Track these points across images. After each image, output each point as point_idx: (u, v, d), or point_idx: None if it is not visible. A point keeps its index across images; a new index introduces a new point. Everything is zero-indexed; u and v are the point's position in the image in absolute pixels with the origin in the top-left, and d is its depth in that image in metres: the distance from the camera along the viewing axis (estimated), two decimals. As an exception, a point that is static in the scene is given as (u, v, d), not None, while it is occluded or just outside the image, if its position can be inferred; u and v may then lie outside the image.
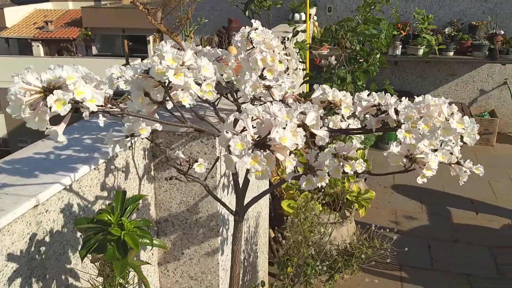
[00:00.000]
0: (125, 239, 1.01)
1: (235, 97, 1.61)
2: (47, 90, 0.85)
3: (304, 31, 4.47)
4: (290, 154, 0.95)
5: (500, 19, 5.15)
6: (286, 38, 2.95)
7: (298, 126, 0.97)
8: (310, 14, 4.94)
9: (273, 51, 1.46)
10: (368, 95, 1.22)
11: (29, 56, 20.42)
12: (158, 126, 1.35)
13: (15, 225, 1.17)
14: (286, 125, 0.92)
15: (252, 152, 0.90)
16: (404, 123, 1.06)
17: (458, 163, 1.32)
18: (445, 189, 4.34)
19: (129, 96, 1.08)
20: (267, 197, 2.78)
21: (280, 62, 1.48)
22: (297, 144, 0.94)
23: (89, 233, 1.06)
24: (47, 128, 0.89)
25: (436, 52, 4.01)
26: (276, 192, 3.06)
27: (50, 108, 0.83)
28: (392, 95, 1.42)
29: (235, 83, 1.55)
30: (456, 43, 5.07)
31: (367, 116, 1.19)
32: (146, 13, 1.94)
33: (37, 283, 1.27)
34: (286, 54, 1.54)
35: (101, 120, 1.38)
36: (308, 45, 3.76)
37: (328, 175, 1.34)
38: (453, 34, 5.14)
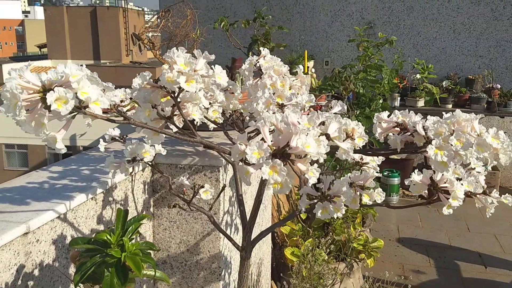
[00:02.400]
0: (126, 262, 0.90)
1: (242, 127, 1.54)
2: (47, 90, 0.77)
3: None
4: (312, 165, 0.86)
5: (496, 73, 5.23)
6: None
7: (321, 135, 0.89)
8: (308, 67, 5.00)
9: (283, 76, 1.40)
10: (388, 116, 1.14)
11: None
12: (163, 151, 1.26)
13: (1, 254, 1.05)
14: (308, 133, 0.83)
15: (271, 160, 0.81)
16: (434, 139, 0.98)
17: (484, 192, 1.23)
18: (451, 242, 4.20)
19: (135, 104, 1.00)
20: (269, 244, 2.63)
21: (290, 88, 1.42)
22: (321, 154, 0.85)
23: (85, 256, 0.94)
24: (45, 134, 0.80)
25: (438, 101, 4.01)
26: (278, 240, 2.91)
27: (50, 107, 0.74)
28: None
29: (242, 111, 1.49)
30: (455, 96, 5.11)
31: (390, 135, 1.11)
32: (151, 47, 1.91)
33: (21, 323, 1.13)
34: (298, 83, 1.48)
35: (102, 145, 1.29)
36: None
37: (345, 206, 1.24)
38: (450, 87, 5.19)
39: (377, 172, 1.34)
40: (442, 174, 1.24)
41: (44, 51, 32.90)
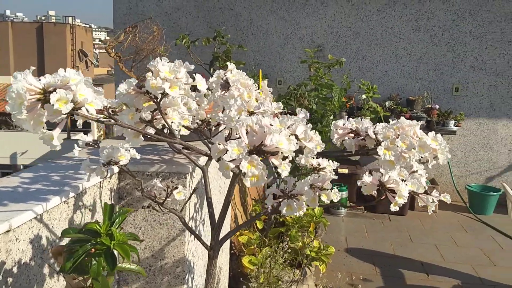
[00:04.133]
0: (115, 249, 0.98)
1: (209, 135, 1.65)
2: (47, 92, 0.86)
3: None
4: (284, 160, 0.99)
5: (434, 94, 5.63)
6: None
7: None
8: (262, 86, 5.19)
9: (249, 88, 1.54)
10: (343, 124, 1.30)
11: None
12: (137, 155, 1.35)
13: (-16, 249, 1.10)
14: (280, 133, 0.96)
15: (249, 156, 0.94)
16: (383, 141, 1.14)
17: (426, 192, 1.41)
18: (395, 252, 4.44)
19: (124, 107, 1.09)
20: (228, 253, 2.73)
21: (257, 100, 1.56)
22: (291, 151, 0.98)
23: (72, 246, 1.01)
24: (42, 132, 0.89)
25: (382, 119, 4.29)
26: (235, 250, 3.01)
27: (53, 105, 0.83)
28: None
29: (210, 120, 1.60)
30: (397, 115, 5.44)
31: (347, 139, 1.26)
32: (118, 60, 2.00)
33: (-1, 319, 1.17)
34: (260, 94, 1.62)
35: (76, 150, 1.37)
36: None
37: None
38: (393, 107, 5.53)
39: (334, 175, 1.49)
40: (389, 176, 1.41)
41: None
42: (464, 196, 5.61)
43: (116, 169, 1.76)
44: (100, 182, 1.66)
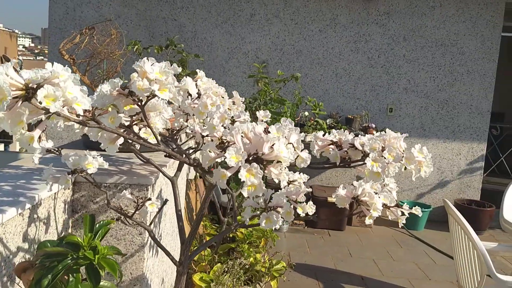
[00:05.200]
0: (100, 263, 0.87)
1: (176, 144, 1.57)
2: (29, 88, 0.76)
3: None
4: (283, 169, 0.95)
5: (371, 113, 5.86)
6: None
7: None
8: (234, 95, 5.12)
9: (222, 97, 1.49)
10: (324, 135, 1.29)
11: None
12: (105, 164, 1.24)
13: None
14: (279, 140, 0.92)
15: (249, 164, 0.88)
16: (370, 153, 1.13)
17: (397, 205, 1.42)
18: (336, 266, 4.51)
19: (109, 109, 1.00)
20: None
21: (229, 108, 1.51)
22: (290, 159, 0.94)
23: (46, 261, 0.89)
24: (20, 133, 0.78)
25: (326, 132, 4.40)
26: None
27: (40, 102, 0.73)
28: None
29: (177, 129, 1.53)
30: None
31: (330, 150, 1.25)
32: (72, 63, 1.87)
33: None
34: (233, 103, 1.57)
35: (36, 157, 1.24)
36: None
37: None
38: (333, 124, 5.69)
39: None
40: (363, 189, 1.41)
41: None
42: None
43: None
44: (55, 193, 1.53)
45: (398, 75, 5.87)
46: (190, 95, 1.54)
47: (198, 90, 1.51)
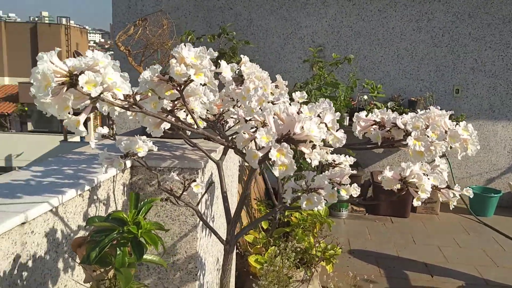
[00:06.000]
0: (142, 237, 0.94)
1: (222, 130, 1.62)
2: (73, 75, 0.83)
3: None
4: (313, 148, 0.96)
5: (436, 95, 5.63)
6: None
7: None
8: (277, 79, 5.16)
9: (265, 81, 1.51)
10: (366, 116, 1.27)
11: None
12: (154, 148, 1.31)
13: (0, 241, 1.06)
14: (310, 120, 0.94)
15: (278, 143, 0.91)
16: (412, 131, 1.11)
17: (448, 187, 1.38)
18: (399, 253, 4.41)
19: (149, 93, 1.06)
20: (234, 251, 2.69)
21: (272, 93, 1.53)
22: (323, 140, 0.95)
23: (95, 236, 0.97)
24: (67, 117, 0.85)
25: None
26: (240, 250, 2.97)
27: (82, 87, 0.80)
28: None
29: (224, 115, 1.57)
30: (398, 116, 5.43)
31: (372, 130, 1.24)
32: (127, 54, 1.96)
33: (15, 314, 1.13)
34: (275, 87, 1.59)
35: (93, 142, 1.33)
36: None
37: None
38: (394, 108, 5.52)
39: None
40: (411, 170, 1.38)
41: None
42: (465, 197, 5.60)
43: (128, 163, 1.73)
44: (114, 176, 1.63)
45: (464, 54, 5.58)
46: (241, 76, 1.57)
47: (241, 75, 1.54)
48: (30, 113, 21.07)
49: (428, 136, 1.10)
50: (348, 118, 5.31)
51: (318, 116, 1.03)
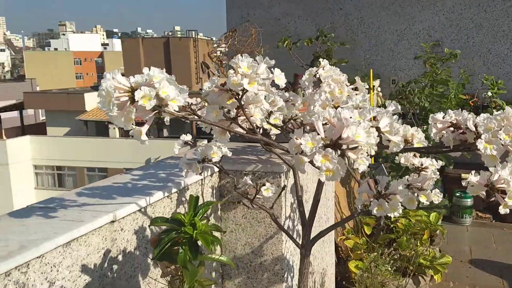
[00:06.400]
0: (197, 238, 1.02)
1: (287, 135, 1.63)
2: (134, 90, 0.93)
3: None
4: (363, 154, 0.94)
5: None
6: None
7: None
8: (374, 86, 5.01)
9: (341, 84, 1.49)
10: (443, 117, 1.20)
11: (105, 137, 21.90)
12: (229, 153, 1.39)
13: (91, 237, 1.22)
14: (359, 125, 0.92)
15: (323, 150, 0.91)
16: (483, 134, 1.03)
17: (544, 193, 1.24)
18: (529, 265, 3.97)
19: (205, 103, 1.14)
20: (333, 257, 2.67)
21: (349, 96, 1.51)
22: (371, 145, 0.93)
23: (162, 235, 1.07)
24: (132, 127, 0.96)
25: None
26: (342, 254, 2.94)
27: (137, 102, 0.90)
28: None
29: (301, 119, 1.59)
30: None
31: (444, 133, 1.17)
32: (219, 65, 2.08)
33: (107, 302, 1.28)
34: (354, 89, 1.56)
35: (176, 148, 1.45)
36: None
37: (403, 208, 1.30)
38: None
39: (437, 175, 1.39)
40: (499, 175, 1.27)
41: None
42: None
43: (215, 168, 1.83)
44: (202, 179, 1.74)
45: None
46: (320, 80, 1.58)
47: (320, 79, 1.54)
48: (164, 121, 23.03)
49: (500, 139, 1.00)
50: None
51: (375, 119, 1.01)
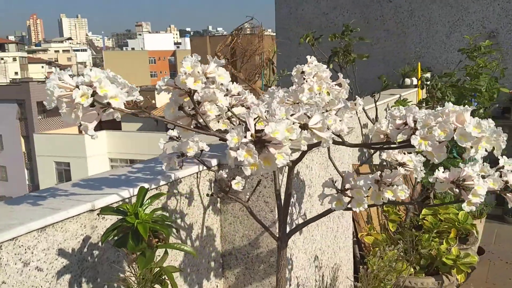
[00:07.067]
0: (137, 227, 1.10)
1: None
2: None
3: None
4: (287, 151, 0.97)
5: None
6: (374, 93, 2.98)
7: (302, 126, 1.00)
8: (426, 78, 4.83)
9: (321, 81, 1.51)
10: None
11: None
12: (206, 147, 1.45)
13: (68, 224, 1.33)
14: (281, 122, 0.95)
15: (246, 145, 0.95)
16: (420, 129, 1.01)
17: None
18: None
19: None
20: (349, 252, 2.66)
21: (328, 93, 1.52)
22: (291, 140, 0.96)
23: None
24: (80, 123, 1.05)
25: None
26: (365, 251, 2.91)
27: (74, 99, 0.99)
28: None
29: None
30: None
31: (389, 130, 1.16)
32: (226, 63, 2.15)
33: (87, 284, 1.40)
34: (338, 85, 1.57)
35: (161, 143, 1.53)
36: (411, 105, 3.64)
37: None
38: None
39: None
40: (466, 172, 1.23)
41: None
42: None
43: (214, 161, 1.90)
44: (197, 173, 1.82)
45: None
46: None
47: (304, 75, 1.56)
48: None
49: (435, 135, 0.98)
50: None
51: (307, 116, 1.02)
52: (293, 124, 0.96)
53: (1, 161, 30.92)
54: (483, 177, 1.21)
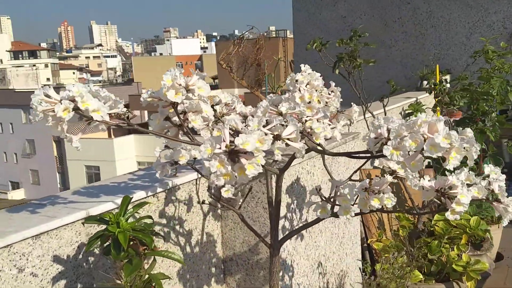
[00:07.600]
0: (118, 236, 1.13)
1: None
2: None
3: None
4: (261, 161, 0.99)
5: None
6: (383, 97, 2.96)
7: (275, 137, 1.02)
8: (446, 79, 4.75)
9: (313, 90, 1.52)
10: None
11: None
12: (197, 155, 1.48)
13: (63, 231, 1.38)
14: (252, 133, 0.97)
15: (218, 156, 0.97)
16: (392, 140, 1.02)
17: (497, 200, 1.17)
18: None
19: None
20: (356, 258, 2.64)
21: (319, 101, 1.53)
22: (262, 151, 0.97)
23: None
24: (66, 135, 1.10)
25: None
26: (376, 257, 2.88)
27: (56, 113, 1.03)
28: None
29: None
30: None
31: (368, 137, 1.16)
32: (229, 71, 2.18)
33: (83, 289, 1.45)
34: (331, 93, 1.58)
35: (157, 151, 1.57)
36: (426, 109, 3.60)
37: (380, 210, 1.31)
38: None
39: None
40: (450, 181, 1.23)
41: (216, 82, 37.07)
42: None
43: (213, 168, 1.93)
44: (196, 179, 1.85)
45: None
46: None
47: (297, 84, 1.58)
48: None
49: (407, 145, 0.98)
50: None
51: (285, 126, 1.04)
52: (265, 135, 0.98)
53: (34, 165, 31.84)
54: (469, 185, 1.20)
